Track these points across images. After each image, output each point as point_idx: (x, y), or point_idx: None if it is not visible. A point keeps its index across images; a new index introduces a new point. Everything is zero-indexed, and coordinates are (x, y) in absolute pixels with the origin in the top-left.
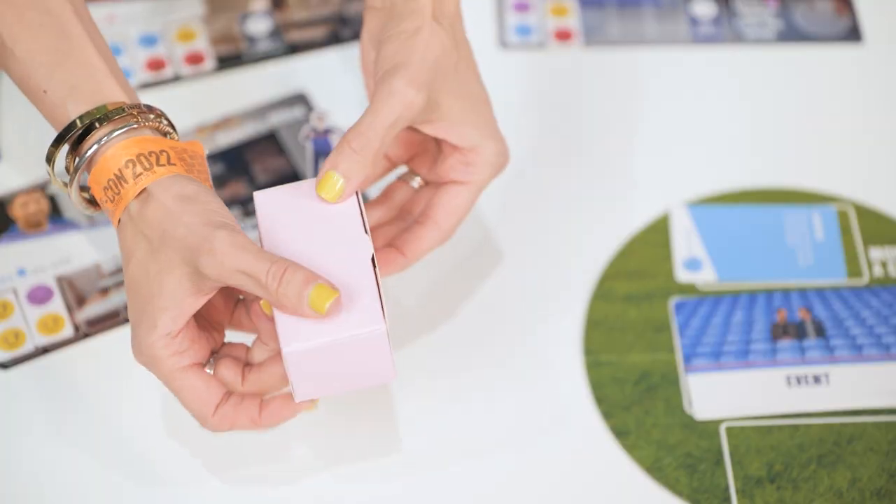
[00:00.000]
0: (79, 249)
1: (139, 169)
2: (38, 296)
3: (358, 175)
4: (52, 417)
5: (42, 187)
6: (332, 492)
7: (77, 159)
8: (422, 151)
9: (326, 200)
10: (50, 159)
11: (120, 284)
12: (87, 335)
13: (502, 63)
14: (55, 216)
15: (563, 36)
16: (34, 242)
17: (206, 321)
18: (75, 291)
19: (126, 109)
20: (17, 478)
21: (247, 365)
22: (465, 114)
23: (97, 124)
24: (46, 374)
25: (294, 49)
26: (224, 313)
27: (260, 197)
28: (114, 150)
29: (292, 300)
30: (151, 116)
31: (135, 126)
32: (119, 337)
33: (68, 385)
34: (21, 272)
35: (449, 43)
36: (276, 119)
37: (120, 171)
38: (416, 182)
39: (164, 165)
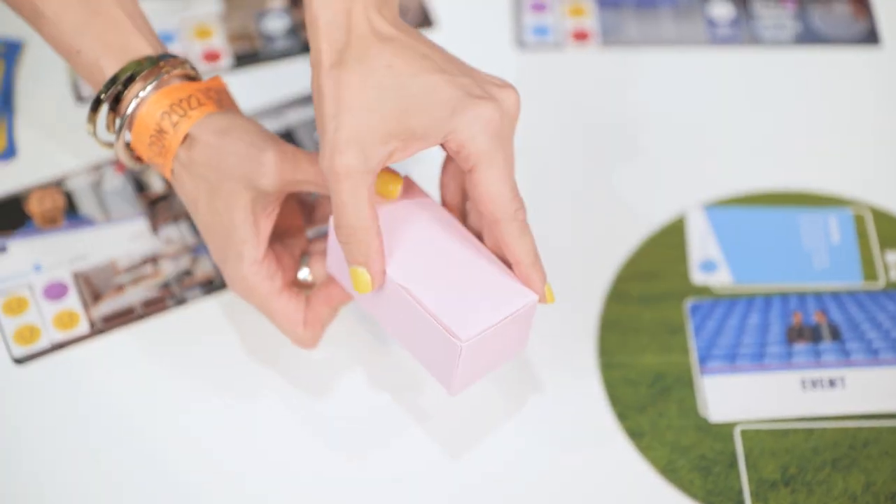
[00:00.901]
0: (95, 246)
1: (175, 117)
2: (54, 291)
3: (371, 254)
4: (66, 413)
5: (58, 183)
6: (336, 491)
7: (118, 119)
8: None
9: (363, 293)
10: (90, 121)
11: (135, 281)
12: (102, 331)
13: (519, 63)
14: (71, 212)
15: (581, 36)
16: (50, 238)
17: (285, 232)
18: (91, 287)
19: (153, 62)
20: (17, 477)
21: None
22: (409, 119)
23: (131, 81)
24: (61, 369)
25: None
26: (299, 217)
27: None
28: (147, 106)
29: None
30: (178, 63)
31: (164, 77)
32: (134, 333)
33: (82, 381)
34: (37, 268)
35: (354, 80)
36: (293, 117)
37: (158, 124)
38: None
39: (195, 108)
